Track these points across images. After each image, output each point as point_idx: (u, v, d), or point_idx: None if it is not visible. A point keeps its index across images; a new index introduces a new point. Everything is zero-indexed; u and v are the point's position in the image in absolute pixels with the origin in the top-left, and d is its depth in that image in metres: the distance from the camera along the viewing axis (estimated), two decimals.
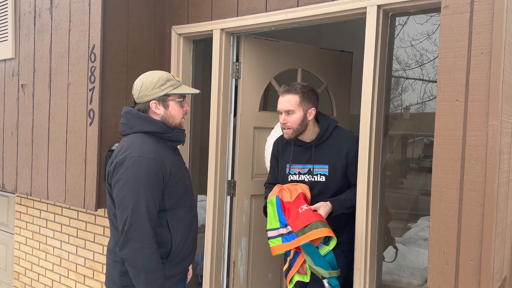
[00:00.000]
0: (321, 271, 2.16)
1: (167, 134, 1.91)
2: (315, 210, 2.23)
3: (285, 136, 2.38)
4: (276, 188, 2.37)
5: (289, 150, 2.46)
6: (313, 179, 2.38)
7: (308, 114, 2.33)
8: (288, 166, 2.45)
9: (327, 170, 2.35)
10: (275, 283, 3.10)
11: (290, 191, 2.31)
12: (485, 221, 1.71)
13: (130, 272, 1.79)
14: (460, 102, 1.78)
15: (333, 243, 2.19)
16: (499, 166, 1.72)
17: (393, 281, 4.15)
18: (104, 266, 3.25)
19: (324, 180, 2.36)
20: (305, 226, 2.14)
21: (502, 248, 1.89)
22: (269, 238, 2.25)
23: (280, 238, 2.21)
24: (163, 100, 1.90)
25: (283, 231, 2.21)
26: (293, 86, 2.34)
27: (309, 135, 2.40)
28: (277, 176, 2.56)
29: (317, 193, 2.37)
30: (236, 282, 2.92)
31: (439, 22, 1.85)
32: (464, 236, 1.75)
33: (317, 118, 2.42)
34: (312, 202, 2.34)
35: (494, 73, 1.70)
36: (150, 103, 1.89)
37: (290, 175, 2.45)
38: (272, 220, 2.26)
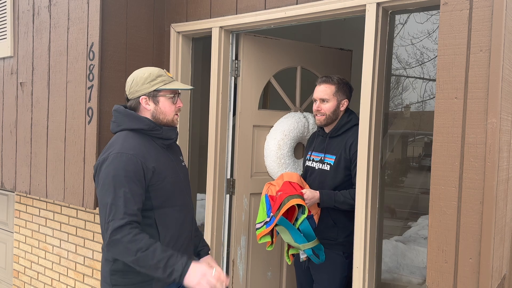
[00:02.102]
0: (297, 246, 2.38)
1: (154, 131, 1.87)
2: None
3: (317, 122, 2.56)
4: (265, 187, 2.54)
5: (314, 140, 2.67)
6: (321, 167, 2.54)
7: (341, 105, 2.52)
8: (309, 152, 2.65)
9: (333, 160, 2.48)
10: (274, 281, 3.10)
11: (277, 184, 2.48)
12: (484, 219, 1.70)
13: (137, 268, 1.70)
14: (459, 99, 1.77)
15: (306, 211, 2.36)
16: (498, 164, 1.71)
17: (393, 279, 4.15)
18: None
19: (328, 169, 2.50)
20: (280, 206, 2.33)
21: (501, 246, 1.88)
22: (256, 229, 2.46)
23: (264, 226, 2.41)
24: (153, 95, 1.89)
25: (267, 219, 2.41)
26: (331, 77, 2.52)
27: (332, 127, 2.56)
28: None
29: (321, 181, 2.51)
30: (236, 281, 2.92)
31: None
32: (463, 234, 1.75)
33: None
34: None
35: (493, 71, 1.69)
36: (140, 98, 1.88)
37: (307, 161, 2.66)
38: (260, 216, 2.46)
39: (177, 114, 1.96)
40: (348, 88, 2.54)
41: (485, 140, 1.71)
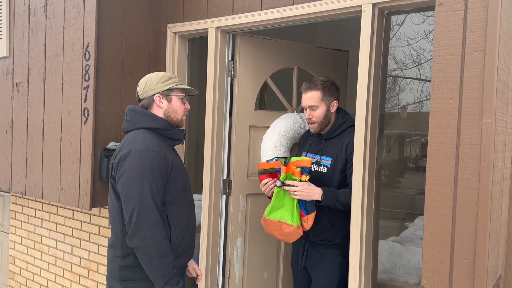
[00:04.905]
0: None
1: (168, 132, 2.00)
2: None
3: (311, 130, 2.54)
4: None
5: (309, 140, 2.65)
6: (318, 170, 2.51)
7: (331, 107, 2.48)
8: (304, 154, 2.60)
9: (330, 162, 2.46)
10: (271, 282, 3.10)
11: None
12: (479, 219, 1.70)
13: (143, 261, 1.83)
14: (455, 100, 1.77)
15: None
16: (493, 164, 1.71)
17: (389, 280, 4.16)
18: (100, 265, 3.24)
19: (325, 171, 2.47)
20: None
21: (496, 246, 1.89)
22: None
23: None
24: (167, 94, 2.03)
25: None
26: (314, 82, 2.47)
27: (327, 129, 2.53)
28: None
29: (318, 183, 2.45)
30: (232, 282, 2.91)
31: None
32: (458, 235, 1.75)
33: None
34: None
35: (488, 71, 1.69)
36: (154, 96, 2.00)
37: None
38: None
39: (184, 115, 2.10)
40: (334, 88, 2.49)
41: (480, 141, 1.71)
